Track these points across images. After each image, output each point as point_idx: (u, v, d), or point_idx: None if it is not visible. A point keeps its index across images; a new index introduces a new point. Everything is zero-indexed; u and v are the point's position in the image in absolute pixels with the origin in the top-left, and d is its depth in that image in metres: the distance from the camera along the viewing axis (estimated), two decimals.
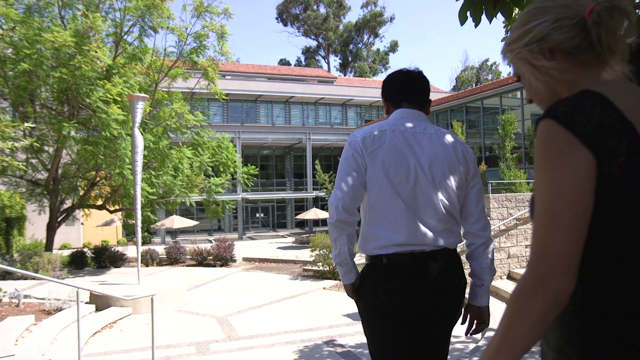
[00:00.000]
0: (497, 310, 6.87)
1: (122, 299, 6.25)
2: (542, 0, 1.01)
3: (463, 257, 1.94)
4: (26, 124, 7.90)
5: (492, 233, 8.25)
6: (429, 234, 1.78)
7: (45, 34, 10.90)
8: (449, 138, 1.89)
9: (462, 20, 2.34)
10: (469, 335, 1.99)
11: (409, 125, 1.87)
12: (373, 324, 1.85)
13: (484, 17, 2.34)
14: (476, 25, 2.28)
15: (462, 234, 1.95)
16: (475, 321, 1.94)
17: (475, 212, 1.90)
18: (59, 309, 7.57)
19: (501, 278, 8.43)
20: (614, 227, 0.87)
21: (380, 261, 1.79)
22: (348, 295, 1.93)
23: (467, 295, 1.95)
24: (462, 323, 1.95)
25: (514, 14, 2.46)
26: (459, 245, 1.92)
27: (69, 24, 12.38)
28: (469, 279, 1.92)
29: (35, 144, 11.01)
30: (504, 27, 5.47)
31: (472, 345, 5.66)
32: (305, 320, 8.02)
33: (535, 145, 0.90)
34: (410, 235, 1.76)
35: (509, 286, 8.13)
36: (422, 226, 1.77)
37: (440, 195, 1.81)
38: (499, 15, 2.30)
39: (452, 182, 1.84)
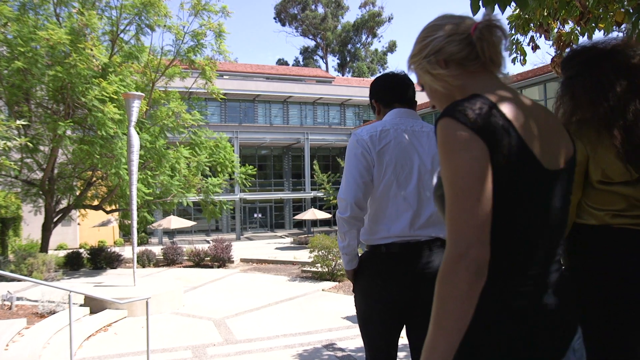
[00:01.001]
0: None
1: (116, 302, 6.09)
2: (437, 18, 1.20)
3: None
4: (18, 122, 7.73)
5: None
6: (427, 226, 1.92)
7: (40, 31, 10.74)
8: None
9: (475, 10, 2.21)
10: None
11: (409, 123, 2.01)
12: (367, 307, 1.98)
13: (496, 6, 2.22)
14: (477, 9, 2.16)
15: None
16: None
17: None
18: (52, 312, 7.40)
19: None
20: (499, 205, 1.00)
21: (380, 250, 1.94)
22: (348, 278, 2.09)
23: None
24: None
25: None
26: None
27: (64, 22, 12.22)
28: None
29: (29, 143, 10.84)
30: (507, 24, 5.36)
31: None
32: (304, 323, 7.87)
33: (437, 140, 1.03)
34: (409, 228, 1.89)
35: None
36: (422, 220, 1.91)
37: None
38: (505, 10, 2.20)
39: None
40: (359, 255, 2.04)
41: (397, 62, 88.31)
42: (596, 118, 1.59)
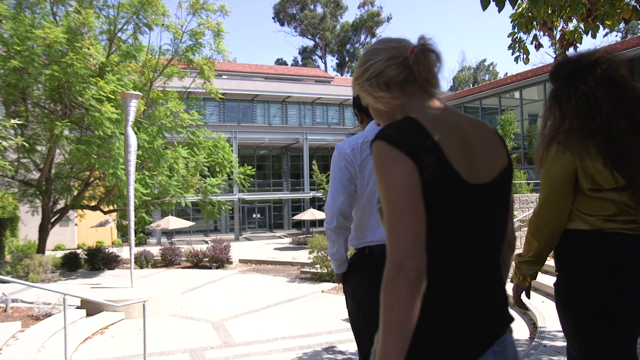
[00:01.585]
0: None
1: (112, 305, 5.99)
2: (377, 42, 1.29)
3: None
4: (12, 121, 7.62)
5: None
6: None
7: (37, 30, 10.62)
8: None
9: (485, 5, 2.13)
10: None
11: None
12: (356, 307, 2.12)
13: (507, 3, 2.13)
14: (500, 10, 2.09)
15: None
16: None
17: None
18: (48, 314, 7.30)
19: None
20: (429, 218, 1.08)
21: (364, 252, 2.07)
22: (337, 281, 2.28)
23: None
24: None
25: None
26: None
27: (61, 20, 12.10)
28: None
29: (25, 143, 10.72)
30: (510, 23, 5.27)
31: None
32: (303, 325, 7.78)
33: (373, 159, 1.12)
34: None
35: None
36: None
37: None
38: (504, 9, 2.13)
39: None
40: (348, 259, 2.17)
41: None
42: (582, 128, 1.69)
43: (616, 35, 40.80)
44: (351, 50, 54.39)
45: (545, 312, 6.11)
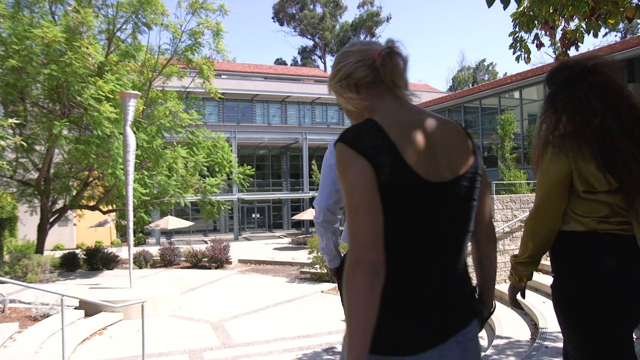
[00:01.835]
0: (502, 314, 6.62)
1: (111, 306, 5.95)
2: (349, 45, 1.35)
3: None
4: (10, 121, 7.57)
5: (496, 235, 8.02)
6: None
7: (35, 29, 10.57)
8: None
9: (490, 2, 2.10)
10: None
11: None
12: None
13: (512, 0, 2.10)
14: (505, 7, 2.05)
15: None
16: None
17: None
18: (46, 315, 7.25)
19: (505, 282, 8.18)
20: (389, 215, 1.14)
21: None
22: (331, 275, 2.35)
23: None
24: None
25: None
26: None
27: (60, 20, 12.05)
28: None
29: (24, 142, 10.67)
30: (511, 22, 5.23)
31: None
32: (303, 326, 7.74)
33: (336, 160, 1.18)
34: None
35: None
36: None
37: None
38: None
39: None
40: (342, 254, 2.21)
41: None
42: (576, 132, 1.74)
43: (615, 35, 40.79)
44: None
45: (547, 313, 6.08)
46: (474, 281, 1.46)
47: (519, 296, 2.05)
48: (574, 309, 1.77)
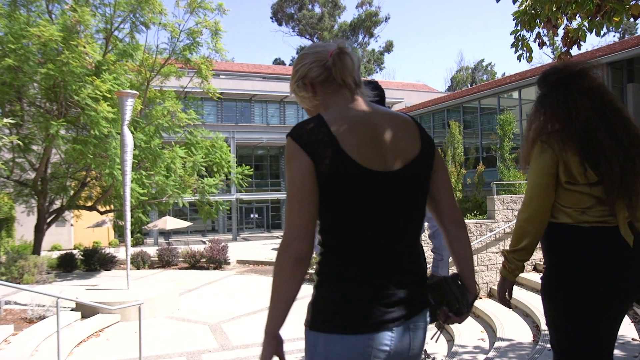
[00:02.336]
0: (503, 316, 6.55)
1: (107, 308, 5.87)
2: (307, 48, 1.45)
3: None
4: (6, 120, 7.49)
5: (497, 236, 7.96)
6: None
7: (32, 28, 10.48)
8: None
9: None
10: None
11: None
12: None
13: None
14: (514, 1, 1.98)
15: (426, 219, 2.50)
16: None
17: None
18: (42, 317, 7.16)
19: None
20: (326, 203, 1.27)
21: None
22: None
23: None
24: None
25: None
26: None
27: (57, 19, 11.96)
28: (430, 260, 2.31)
29: (20, 142, 10.58)
30: (513, 20, 5.17)
31: (481, 357, 5.34)
32: (302, 328, 7.66)
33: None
34: None
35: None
36: None
37: None
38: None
39: None
40: None
41: (394, 62, 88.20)
42: (562, 131, 1.88)
43: (614, 36, 40.86)
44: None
45: None
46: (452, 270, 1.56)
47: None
48: (561, 298, 1.88)
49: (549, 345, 4.82)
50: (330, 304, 1.31)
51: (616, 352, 4.21)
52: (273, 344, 1.36)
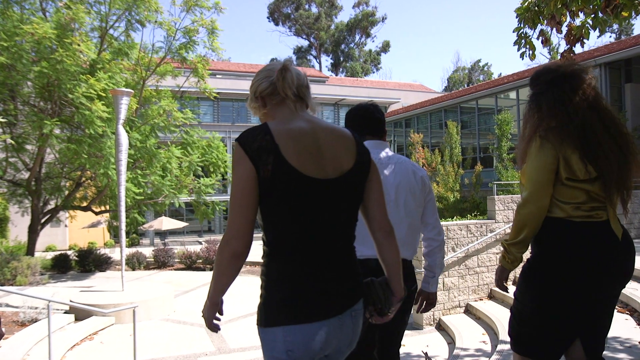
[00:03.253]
0: (504, 317, 6.45)
1: (101, 311, 5.73)
2: (266, 65, 1.64)
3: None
4: None
5: (497, 236, 7.86)
6: None
7: (25, 25, 10.32)
8: (407, 166, 2.35)
9: None
10: (419, 312, 2.54)
11: (375, 154, 2.19)
12: None
13: None
14: None
15: (421, 238, 2.47)
16: (424, 302, 2.48)
17: (431, 222, 2.41)
18: (34, 320, 7.01)
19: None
20: (268, 206, 1.43)
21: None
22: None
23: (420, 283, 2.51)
24: (417, 311, 2.51)
25: None
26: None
27: (51, 17, 11.80)
28: (420, 276, 2.52)
29: (13, 142, 10.41)
30: (516, 17, 5.07)
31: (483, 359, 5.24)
32: None
33: None
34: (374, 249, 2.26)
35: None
36: None
37: (405, 215, 2.26)
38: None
39: (413, 203, 2.30)
40: None
41: (391, 62, 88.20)
42: (559, 127, 1.94)
43: (610, 37, 40.93)
44: (346, 50, 54.20)
45: None
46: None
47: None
48: (538, 284, 1.99)
49: None
50: (282, 300, 1.45)
51: (622, 355, 4.12)
52: (215, 307, 1.60)
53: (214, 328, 1.68)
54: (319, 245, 1.47)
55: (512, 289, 2.30)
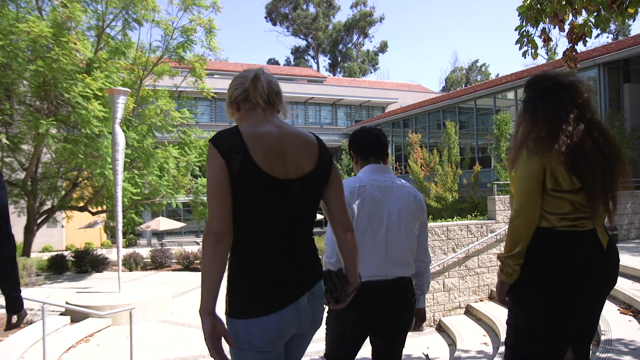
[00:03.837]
0: (505, 319, 6.39)
1: (96, 314, 5.64)
2: (238, 75, 1.80)
3: None
4: None
5: (498, 237, 7.81)
6: (393, 267, 2.34)
7: (21, 24, 10.21)
8: (409, 190, 2.47)
9: None
10: (412, 330, 2.59)
11: (382, 179, 2.43)
12: (341, 329, 2.39)
13: None
14: None
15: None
16: (415, 318, 2.56)
17: (422, 245, 2.52)
18: (30, 322, 6.90)
19: None
20: (235, 202, 1.55)
21: None
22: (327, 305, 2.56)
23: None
24: (411, 329, 2.55)
25: None
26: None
27: (47, 15, 11.69)
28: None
29: (7, 142, 10.30)
30: (518, 16, 5.01)
31: None
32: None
33: None
34: (379, 268, 2.31)
35: None
36: (389, 261, 2.33)
37: (406, 236, 2.38)
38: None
39: (413, 225, 2.43)
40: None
41: (389, 63, 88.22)
42: (550, 136, 1.96)
43: (607, 37, 40.99)
44: (343, 51, 54.16)
45: None
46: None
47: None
48: (533, 298, 2.02)
49: None
50: (243, 293, 1.59)
51: (627, 358, 4.06)
52: (210, 321, 1.50)
53: (220, 356, 1.49)
54: (279, 241, 1.61)
55: None
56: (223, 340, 1.51)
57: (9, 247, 2.23)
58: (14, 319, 2.39)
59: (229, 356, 1.53)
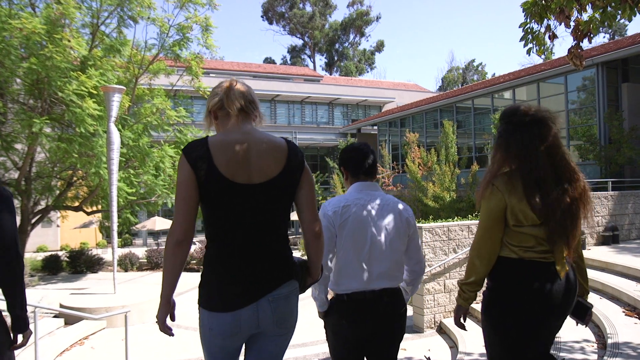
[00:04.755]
0: None
1: (91, 317, 5.51)
2: (216, 85, 1.95)
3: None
4: None
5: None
6: (378, 280, 2.41)
7: (13, 20, 10.03)
8: (396, 207, 2.52)
9: None
10: None
11: (366, 198, 2.49)
12: (336, 341, 2.48)
13: None
14: None
15: (405, 268, 2.62)
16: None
17: (414, 256, 2.57)
18: None
19: None
20: (204, 208, 1.74)
21: (343, 298, 2.43)
22: (319, 317, 2.59)
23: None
24: None
25: None
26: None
27: (41, 12, 11.51)
28: None
29: (0, 141, 10.12)
30: (522, 12, 4.91)
31: None
32: (298, 334, 7.29)
33: None
34: (364, 282, 2.40)
35: None
36: (374, 275, 2.41)
37: (390, 252, 2.45)
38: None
39: (398, 241, 2.49)
40: (329, 299, 2.52)
41: (385, 62, 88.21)
42: (517, 171, 2.07)
43: (604, 37, 41.08)
44: (340, 50, 54.06)
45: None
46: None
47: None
48: (501, 319, 2.14)
49: (562, 354, 4.56)
50: (209, 288, 1.77)
51: None
52: (167, 306, 1.77)
53: (167, 331, 1.82)
54: (244, 244, 1.74)
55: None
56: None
57: (19, 268, 2.26)
58: (20, 338, 2.37)
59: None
